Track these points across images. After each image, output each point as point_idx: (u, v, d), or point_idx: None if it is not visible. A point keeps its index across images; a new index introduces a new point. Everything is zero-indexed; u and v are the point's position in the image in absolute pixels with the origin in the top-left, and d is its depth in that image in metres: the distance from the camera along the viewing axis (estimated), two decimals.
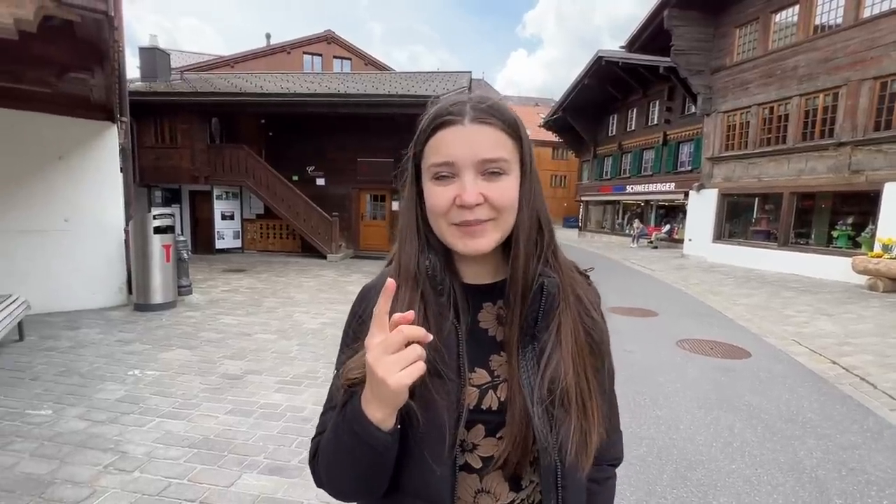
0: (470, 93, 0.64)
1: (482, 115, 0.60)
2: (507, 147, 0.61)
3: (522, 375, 0.62)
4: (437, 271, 0.63)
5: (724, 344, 5.48)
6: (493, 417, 0.63)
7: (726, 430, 3.31)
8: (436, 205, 0.61)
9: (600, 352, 0.68)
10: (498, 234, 0.62)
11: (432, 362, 0.59)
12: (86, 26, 3.04)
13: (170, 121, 11.98)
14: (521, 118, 0.67)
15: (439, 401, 0.59)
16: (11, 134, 5.24)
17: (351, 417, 0.57)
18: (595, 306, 0.70)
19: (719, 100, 13.85)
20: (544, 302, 0.63)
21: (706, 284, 9.90)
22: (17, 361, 4.05)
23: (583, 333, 0.65)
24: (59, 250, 5.62)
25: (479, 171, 0.60)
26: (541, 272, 0.63)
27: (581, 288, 0.70)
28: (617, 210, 24.05)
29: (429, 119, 0.62)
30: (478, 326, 0.66)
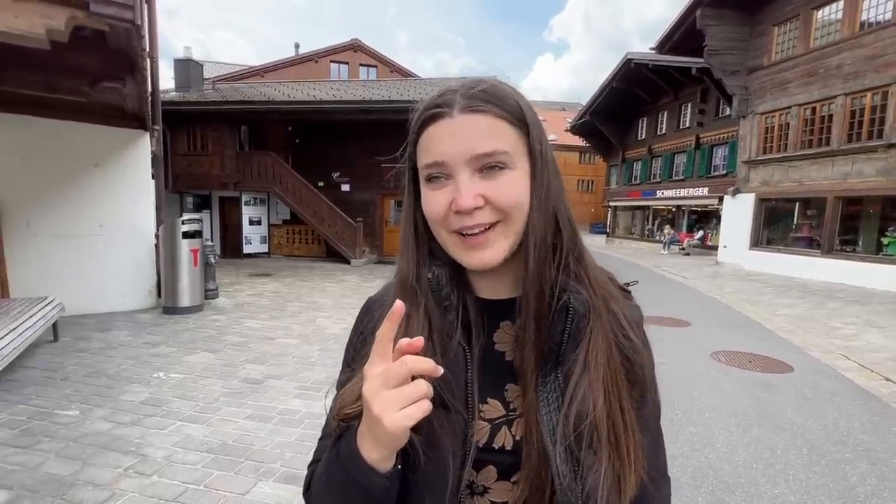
0: (464, 79, 0.54)
1: (474, 103, 0.51)
2: (506, 137, 0.52)
3: (542, 409, 0.52)
4: (441, 285, 0.56)
5: (763, 357, 5.15)
6: (506, 458, 0.54)
7: (767, 450, 3.07)
8: (431, 212, 0.53)
9: (641, 380, 0.56)
10: (507, 240, 0.53)
11: (437, 391, 0.50)
12: (116, 36, 3.11)
13: (201, 129, 12.38)
14: (548, 123, 0.56)
15: (443, 437, 0.51)
16: (50, 142, 5.48)
17: (344, 454, 0.50)
18: (635, 326, 0.58)
19: (756, 101, 13.30)
20: (570, 322, 0.53)
21: (743, 293, 9.44)
22: (51, 362, 4.17)
23: (618, 358, 0.54)
24: (93, 254, 5.82)
25: (475, 169, 0.51)
26: (563, 285, 0.53)
27: (618, 303, 0.58)
28: (647, 215, 23.39)
29: (417, 114, 0.54)
30: (493, 349, 0.57)
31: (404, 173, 0.60)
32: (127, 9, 2.66)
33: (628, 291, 0.65)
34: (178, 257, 5.92)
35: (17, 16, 2.36)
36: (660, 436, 0.64)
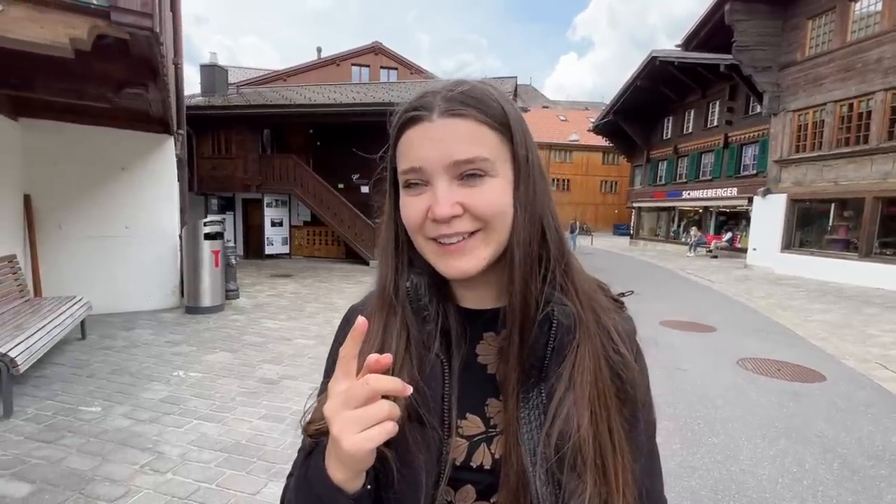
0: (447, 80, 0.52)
1: (454, 106, 0.48)
2: (487, 143, 0.49)
3: (522, 427, 0.49)
4: (420, 294, 0.53)
5: (793, 365, 4.92)
6: (484, 478, 0.51)
7: (795, 464, 2.92)
8: (408, 218, 0.51)
9: (632, 397, 0.53)
10: (488, 249, 0.50)
11: (412, 405, 0.49)
12: (137, 43, 3.20)
13: (225, 132, 12.69)
14: (570, 122, 0.53)
15: (417, 453, 0.49)
16: (81, 147, 5.69)
17: (312, 472, 0.48)
18: (627, 339, 0.55)
19: (788, 98, 12.78)
20: (555, 336, 0.50)
21: (773, 298, 9.07)
22: (78, 359, 4.32)
23: (607, 374, 0.51)
24: (120, 255, 6.01)
25: (453, 176, 0.49)
26: (548, 296, 0.51)
27: (607, 315, 0.55)
28: (672, 217, 22.79)
29: (397, 116, 0.52)
30: (475, 361, 0.54)
31: (384, 179, 0.58)
32: (146, 17, 2.72)
33: (621, 303, 0.61)
34: (199, 258, 6.07)
35: (42, 26, 2.45)
36: (655, 456, 0.60)
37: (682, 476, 2.75)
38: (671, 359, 5.03)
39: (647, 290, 9.96)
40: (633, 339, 0.57)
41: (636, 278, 11.91)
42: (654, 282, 11.39)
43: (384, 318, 0.54)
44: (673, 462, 2.91)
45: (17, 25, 2.29)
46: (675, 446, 3.11)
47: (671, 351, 5.34)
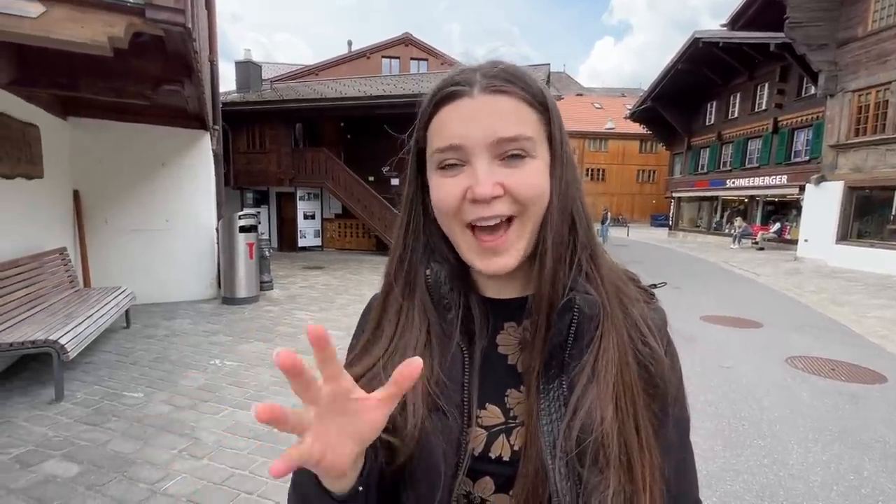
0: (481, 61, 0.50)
1: (496, 83, 0.47)
2: (530, 122, 0.48)
3: (542, 419, 0.47)
4: (440, 282, 0.52)
5: (849, 364, 4.58)
6: (503, 469, 0.49)
7: (851, 471, 2.70)
8: (442, 200, 0.49)
9: (662, 392, 0.51)
10: (523, 242, 0.49)
11: (432, 394, 0.49)
12: (172, 40, 3.27)
13: (259, 127, 12.99)
14: (606, 110, 0.47)
15: (437, 443, 0.48)
16: (124, 144, 5.94)
17: (299, 475, 0.46)
18: (657, 331, 0.53)
19: (848, 77, 11.86)
20: (575, 323, 0.48)
21: (827, 293, 8.49)
22: (123, 346, 4.53)
23: (634, 367, 0.49)
24: (161, 248, 6.25)
25: (495, 155, 0.47)
26: (573, 284, 0.49)
27: (636, 306, 0.53)
28: (714, 207, 21.77)
29: (430, 94, 0.50)
30: (495, 351, 0.53)
31: (407, 161, 0.55)
32: (179, 13, 2.76)
33: (651, 293, 0.58)
34: (235, 250, 6.24)
35: (82, 25, 2.53)
36: (689, 455, 0.57)
37: (724, 479, 2.60)
38: (713, 355, 4.78)
39: (687, 283, 9.54)
40: (664, 331, 0.55)
41: (675, 271, 11.44)
42: (695, 275, 10.90)
43: (401, 304, 0.53)
44: (715, 464, 2.75)
45: (58, 26, 2.37)
46: (718, 448, 2.94)
47: (713, 347, 5.09)
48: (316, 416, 0.37)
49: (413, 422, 0.48)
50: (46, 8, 2.35)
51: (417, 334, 0.52)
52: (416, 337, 0.52)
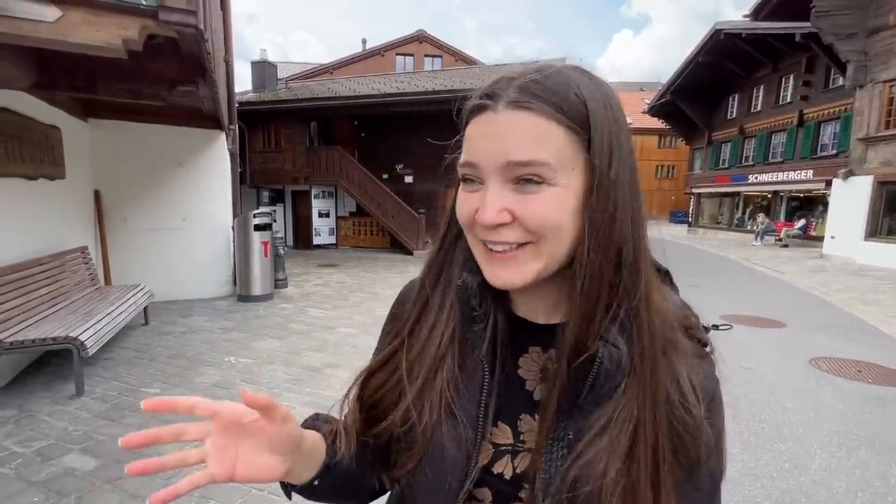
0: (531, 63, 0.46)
1: (523, 98, 0.42)
2: (553, 144, 0.42)
3: (545, 456, 0.47)
4: (470, 293, 0.51)
5: (877, 366, 4.41)
6: (502, 486, 0.50)
7: (878, 477, 2.59)
8: (460, 213, 0.49)
9: (694, 458, 0.46)
10: (538, 263, 0.45)
11: (449, 402, 0.50)
12: (186, 42, 3.30)
13: (275, 126, 13.14)
14: (625, 105, 0.46)
15: (448, 447, 0.49)
16: (142, 145, 6.06)
17: None
18: (704, 394, 0.47)
19: (878, 67, 11.41)
20: (594, 376, 0.45)
21: (854, 291, 8.20)
22: (141, 343, 4.63)
23: (665, 430, 0.45)
24: (178, 246, 6.36)
25: (507, 179, 0.44)
26: (604, 333, 0.44)
27: (686, 362, 0.48)
28: (736, 203, 21.23)
29: (469, 102, 0.48)
30: (515, 373, 0.52)
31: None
32: (191, 14, 2.78)
33: (704, 345, 0.52)
34: (250, 249, 6.32)
35: (97, 29, 2.56)
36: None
37: (742, 484, 2.52)
38: (733, 355, 4.65)
39: (706, 281, 9.32)
40: (713, 393, 0.49)
41: (695, 268, 11.19)
42: (715, 272, 10.65)
43: (428, 301, 0.54)
44: (733, 469, 2.66)
45: (74, 29, 2.41)
46: (736, 451, 2.85)
47: (733, 347, 4.95)
48: (213, 446, 0.44)
49: (427, 419, 0.50)
50: (63, 12, 2.39)
51: (441, 335, 0.52)
52: (439, 338, 0.52)
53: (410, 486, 0.52)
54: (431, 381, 0.51)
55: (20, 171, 3.96)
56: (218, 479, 0.43)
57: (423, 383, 0.52)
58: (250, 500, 2.31)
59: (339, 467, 0.54)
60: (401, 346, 0.55)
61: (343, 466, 0.55)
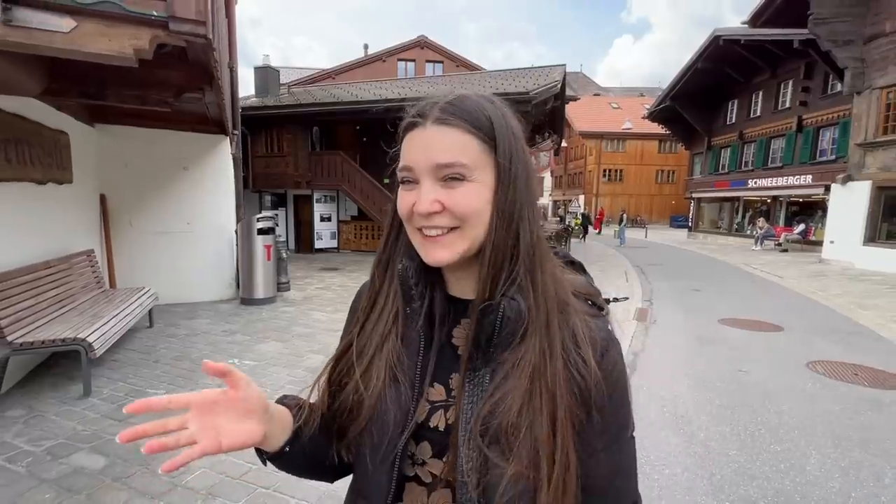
0: (456, 93, 0.58)
1: (444, 116, 0.55)
2: (469, 150, 0.55)
3: (465, 400, 0.57)
4: (409, 276, 0.61)
5: (873, 369, 4.46)
6: (439, 437, 0.59)
7: (871, 478, 2.64)
8: (400, 209, 0.59)
9: (588, 399, 0.55)
10: (464, 244, 0.56)
11: (394, 368, 0.60)
12: (194, 50, 3.39)
13: (277, 131, 13.23)
14: (624, 110, 0.52)
15: (390, 407, 0.59)
16: (148, 149, 6.14)
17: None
18: (595, 344, 0.57)
19: (875, 73, 11.51)
20: (498, 323, 0.55)
21: (852, 296, 8.25)
22: (145, 345, 4.69)
23: (561, 371, 0.55)
24: (183, 250, 6.43)
25: (436, 178, 0.55)
26: (506, 292, 0.55)
27: (578, 318, 0.58)
28: (736, 208, 21.30)
29: (403, 121, 0.60)
30: (450, 341, 0.62)
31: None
32: (200, 25, 2.86)
33: (599, 308, 0.64)
34: (253, 252, 6.39)
35: (110, 39, 2.64)
36: (623, 458, 0.61)
37: (738, 484, 2.57)
38: (730, 359, 4.71)
39: (706, 285, 9.38)
40: (607, 346, 0.58)
41: (695, 273, 11.24)
42: (715, 277, 10.70)
43: (378, 290, 0.65)
44: (729, 469, 2.72)
45: (88, 40, 2.49)
46: (732, 452, 2.90)
47: (731, 351, 5.00)
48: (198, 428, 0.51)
49: (375, 382, 0.60)
50: (77, 23, 2.47)
51: (387, 318, 0.62)
52: (386, 320, 0.62)
53: (358, 449, 0.62)
54: (379, 353, 0.61)
55: (30, 175, 4.03)
56: (209, 451, 0.51)
57: (372, 357, 0.61)
58: (255, 497, 2.36)
59: (307, 437, 0.63)
60: (358, 333, 0.64)
61: (311, 438, 0.63)
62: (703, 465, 2.78)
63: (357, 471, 0.65)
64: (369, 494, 0.61)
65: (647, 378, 4.21)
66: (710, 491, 2.52)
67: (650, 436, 3.13)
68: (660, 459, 2.84)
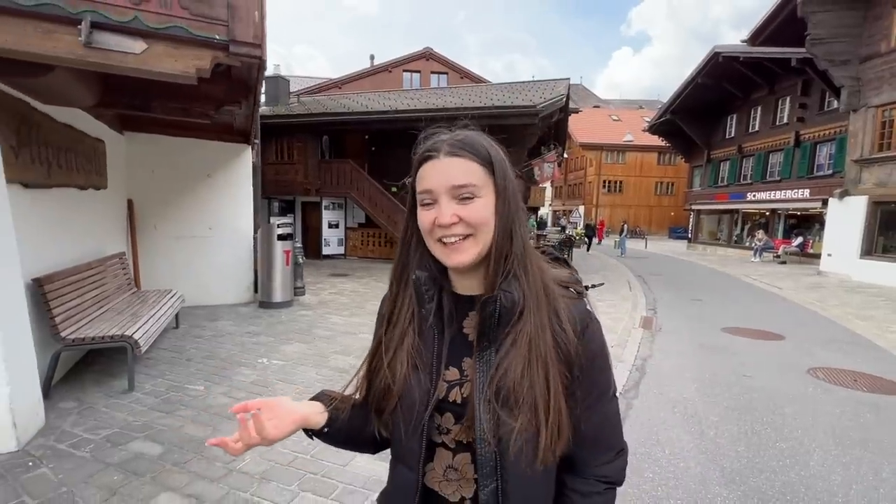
0: (454, 131, 0.74)
1: (454, 150, 0.70)
2: (476, 174, 0.70)
3: (478, 375, 0.71)
4: (421, 283, 0.74)
5: (871, 376, 4.68)
6: (458, 409, 0.73)
7: (871, 473, 2.85)
8: (422, 225, 0.72)
9: (570, 360, 0.71)
10: (477, 248, 0.70)
11: (414, 358, 0.75)
12: (240, 68, 3.63)
13: (287, 139, 13.49)
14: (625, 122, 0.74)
15: (414, 389, 0.74)
16: (174, 157, 6.37)
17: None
18: (576, 321, 0.73)
19: (870, 92, 11.88)
20: (498, 312, 0.69)
21: (850, 307, 8.49)
22: (175, 345, 4.88)
23: (550, 342, 0.70)
24: (204, 254, 6.64)
25: (453, 196, 0.69)
26: (503, 284, 0.70)
27: (561, 301, 0.74)
28: (735, 220, 21.61)
29: (417, 155, 0.74)
30: (461, 332, 0.76)
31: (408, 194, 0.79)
32: (256, 47, 3.10)
33: (577, 293, 0.78)
34: (273, 257, 6.59)
35: (176, 60, 2.87)
36: (609, 413, 0.78)
37: (748, 476, 2.78)
38: (735, 366, 4.92)
39: (708, 295, 9.61)
40: (584, 319, 0.74)
41: (696, 284, 11.48)
42: (716, 287, 10.93)
43: (396, 295, 0.80)
44: (738, 463, 2.92)
45: (157, 60, 2.73)
46: (741, 449, 3.11)
47: (734, 358, 5.21)
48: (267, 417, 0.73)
49: (400, 370, 0.75)
50: (148, 45, 2.71)
51: (406, 318, 0.77)
52: (405, 320, 0.77)
53: (393, 424, 0.77)
54: (401, 347, 0.76)
55: (75, 181, 4.26)
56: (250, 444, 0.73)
57: (396, 350, 0.77)
58: (305, 481, 2.55)
59: (344, 420, 0.82)
60: (385, 332, 0.80)
61: (350, 418, 0.82)
62: (715, 459, 2.98)
63: (394, 441, 0.79)
64: (406, 459, 0.76)
65: (657, 381, 4.41)
66: (722, 482, 2.73)
67: (663, 433, 3.34)
68: (674, 454, 3.04)
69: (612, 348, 5.34)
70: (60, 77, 3.11)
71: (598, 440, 0.77)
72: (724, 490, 2.64)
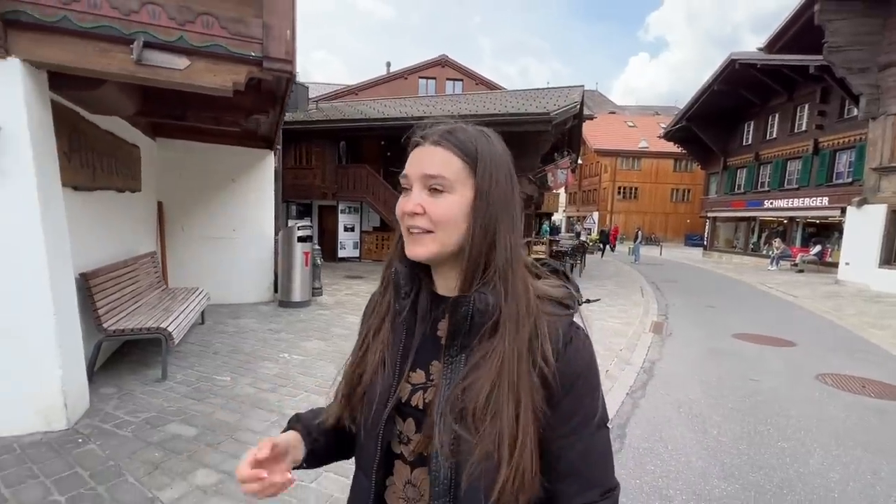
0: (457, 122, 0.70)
1: (439, 139, 0.66)
2: (452, 168, 0.64)
3: (444, 381, 0.65)
4: (400, 276, 0.71)
5: (881, 383, 4.71)
6: (419, 415, 0.67)
7: (869, 471, 2.94)
8: (397, 211, 0.69)
9: (550, 385, 0.62)
10: (435, 246, 0.65)
11: (382, 351, 0.71)
12: (271, 81, 3.89)
13: (306, 145, 13.87)
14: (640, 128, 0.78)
15: (378, 385, 0.70)
16: (201, 162, 6.70)
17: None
18: (559, 337, 0.64)
19: (890, 100, 11.76)
20: (471, 318, 0.63)
21: (867, 316, 8.42)
22: (202, 339, 5.15)
23: (526, 363, 0.62)
24: (227, 254, 6.94)
25: (424, 186, 0.65)
26: (478, 288, 0.64)
27: (547, 319, 0.65)
28: (752, 228, 21.37)
29: (412, 140, 0.71)
30: (434, 333, 0.70)
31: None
32: (288, 63, 3.34)
33: (566, 307, 0.69)
34: (293, 258, 6.87)
35: (215, 75, 3.13)
36: (594, 444, 0.66)
37: (747, 471, 2.89)
38: (743, 369, 5.00)
39: (721, 302, 9.61)
40: (567, 334, 0.65)
41: (710, 291, 11.46)
42: (729, 294, 10.91)
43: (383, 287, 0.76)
44: (739, 459, 3.04)
45: (198, 75, 2.99)
46: (742, 447, 3.22)
47: (743, 363, 5.28)
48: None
49: (370, 360, 0.72)
50: (191, 62, 2.97)
51: (384, 309, 0.73)
52: (383, 313, 0.73)
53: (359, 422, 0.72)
54: (376, 338, 0.72)
55: (115, 184, 4.57)
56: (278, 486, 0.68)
57: (371, 342, 0.73)
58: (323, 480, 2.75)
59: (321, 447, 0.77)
60: (366, 332, 0.76)
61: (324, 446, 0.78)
62: (716, 455, 3.10)
63: (356, 445, 0.75)
64: (363, 462, 0.72)
65: (663, 383, 4.53)
66: (721, 476, 2.85)
67: (667, 431, 3.47)
68: (676, 449, 3.17)
69: (621, 351, 5.46)
70: (108, 89, 3.40)
71: (579, 474, 0.64)
72: (723, 483, 2.77)
